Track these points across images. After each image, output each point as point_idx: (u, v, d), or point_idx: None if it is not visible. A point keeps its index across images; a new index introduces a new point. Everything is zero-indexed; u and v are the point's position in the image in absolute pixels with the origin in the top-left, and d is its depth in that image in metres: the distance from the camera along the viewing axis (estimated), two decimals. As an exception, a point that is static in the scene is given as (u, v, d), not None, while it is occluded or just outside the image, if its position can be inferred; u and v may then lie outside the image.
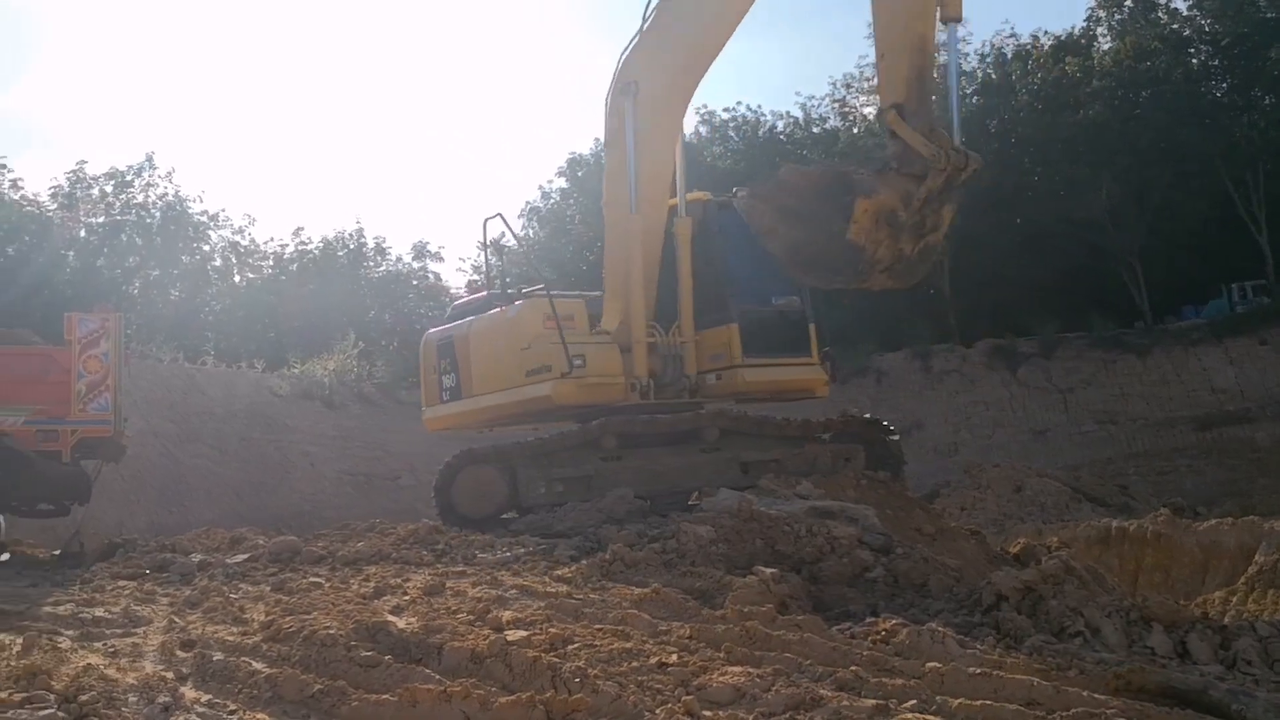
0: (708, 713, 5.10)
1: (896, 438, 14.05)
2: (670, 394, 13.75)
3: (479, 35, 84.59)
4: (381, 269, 38.91)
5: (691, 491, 12.87)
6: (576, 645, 6.24)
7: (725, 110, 37.17)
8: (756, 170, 29.90)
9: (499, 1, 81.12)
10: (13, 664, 5.80)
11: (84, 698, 5.17)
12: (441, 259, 41.82)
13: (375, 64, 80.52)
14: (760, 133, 36.55)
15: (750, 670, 5.72)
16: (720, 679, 5.60)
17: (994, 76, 35.83)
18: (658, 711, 5.05)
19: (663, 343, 13.84)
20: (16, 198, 30.40)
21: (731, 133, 36.66)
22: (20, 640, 6.39)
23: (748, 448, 13.08)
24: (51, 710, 5.03)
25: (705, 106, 42.35)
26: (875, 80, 37.23)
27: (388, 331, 36.00)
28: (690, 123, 62.98)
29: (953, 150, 10.90)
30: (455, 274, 65.90)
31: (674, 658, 6.03)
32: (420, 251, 39.83)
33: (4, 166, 30.37)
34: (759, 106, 37.86)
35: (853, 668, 5.81)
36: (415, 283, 39.46)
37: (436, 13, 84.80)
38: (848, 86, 37.71)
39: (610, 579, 8.47)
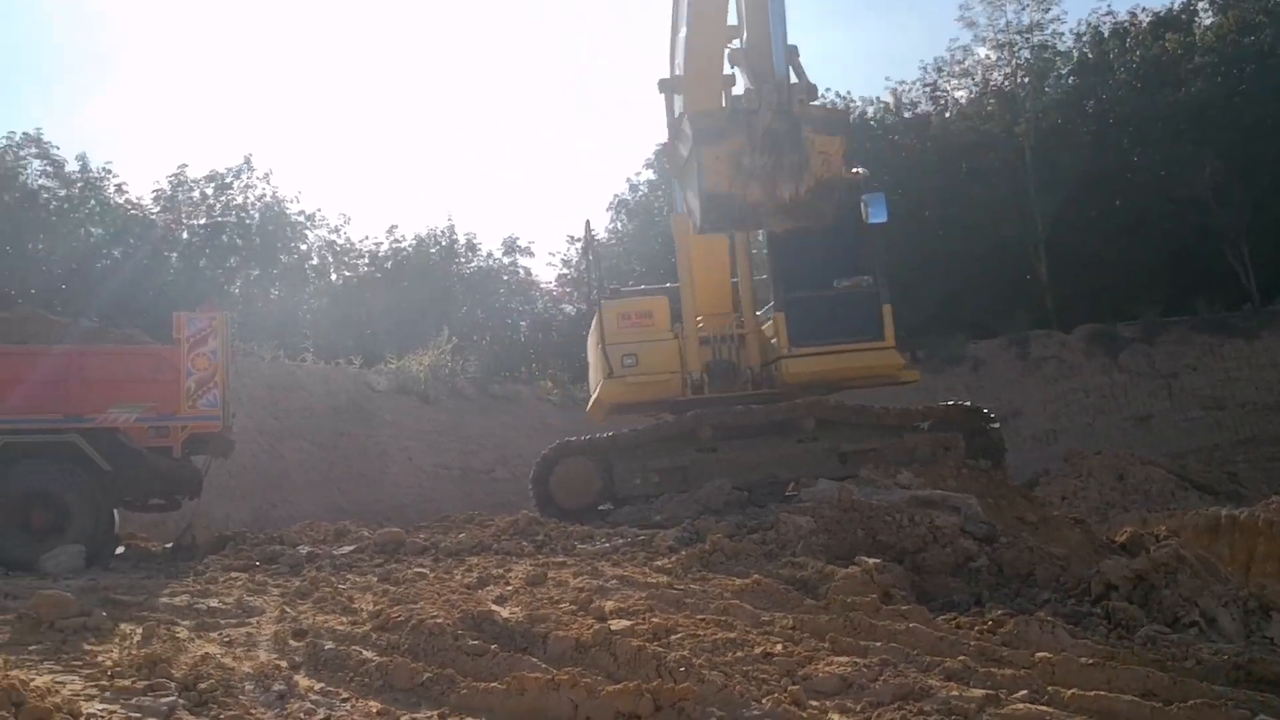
0: (814, 702, 5.08)
1: (997, 426, 13.78)
2: (733, 387, 13.78)
3: (566, 29, 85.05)
4: (473, 265, 39.21)
5: (788, 482, 12.82)
6: (680, 635, 6.26)
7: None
8: (847, 158, 29.46)
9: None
10: (134, 653, 5.98)
11: (203, 685, 5.31)
12: (531, 254, 41.90)
13: (464, 62, 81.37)
14: (851, 119, 36.10)
15: (856, 660, 5.69)
16: (826, 669, 5.58)
17: (1090, 56, 34.90)
18: (764, 701, 5.04)
19: (723, 335, 13.88)
20: (121, 202, 31.29)
21: (821, 120, 36.33)
22: (140, 630, 6.59)
23: (845, 438, 12.97)
24: (173, 698, 5.18)
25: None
26: (967, 64, 36.77)
27: (479, 326, 36.28)
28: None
29: (772, 82, 10.86)
30: (545, 268, 66.34)
31: (778, 647, 6.02)
32: (510, 247, 40.07)
33: (109, 171, 31.31)
34: (848, 93, 37.31)
35: (960, 658, 5.75)
36: (506, 278, 39.67)
37: (523, 11, 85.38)
38: (939, 70, 37.07)
39: (710, 569, 8.49)
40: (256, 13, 77.70)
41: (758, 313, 14.33)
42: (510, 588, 8.00)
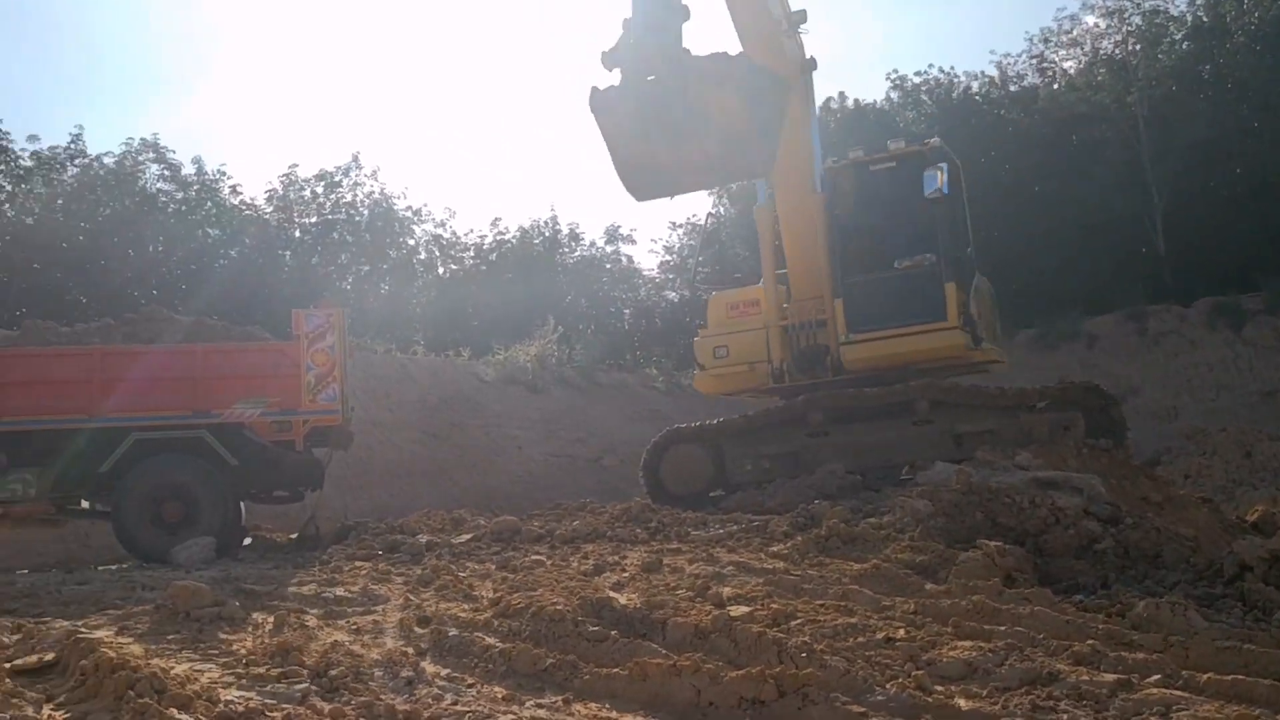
0: (939, 688, 5.01)
1: (1118, 404, 13.41)
2: (814, 375, 13.67)
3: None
4: (576, 255, 39.51)
5: (902, 465, 12.68)
6: (799, 620, 6.24)
7: (916, 74, 36.17)
8: (951, 134, 29.07)
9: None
10: (266, 641, 6.16)
11: (334, 672, 5.44)
12: (634, 241, 42.22)
13: (565, 52, 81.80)
14: (954, 95, 35.39)
15: (981, 645, 5.61)
16: (950, 654, 5.51)
17: (1206, 20, 33.64)
18: (888, 686, 4.99)
19: (803, 322, 13.74)
20: (236, 203, 32.19)
21: (924, 96, 35.56)
22: (271, 619, 6.77)
23: (960, 419, 12.72)
24: (306, 684, 5.32)
25: (896, 71, 41.44)
26: (1075, 33, 35.75)
27: (584, 315, 36.57)
28: (881, 88, 61.81)
29: (654, 40, 10.90)
30: (647, 255, 66.44)
31: (900, 632, 5.96)
32: (612, 235, 40.28)
33: (224, 173, 32.25)
34: (951, 68, 36.57)
35: (1089, 641, 5.62)
36: (609, 266, 39.90)
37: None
38: (1045, 41, 36.14)
39: (827, 554, 8.43)
40: (359, 13, 79.13)
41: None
42: (626, 574, 8.06)
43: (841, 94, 37.67)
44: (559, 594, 7.09)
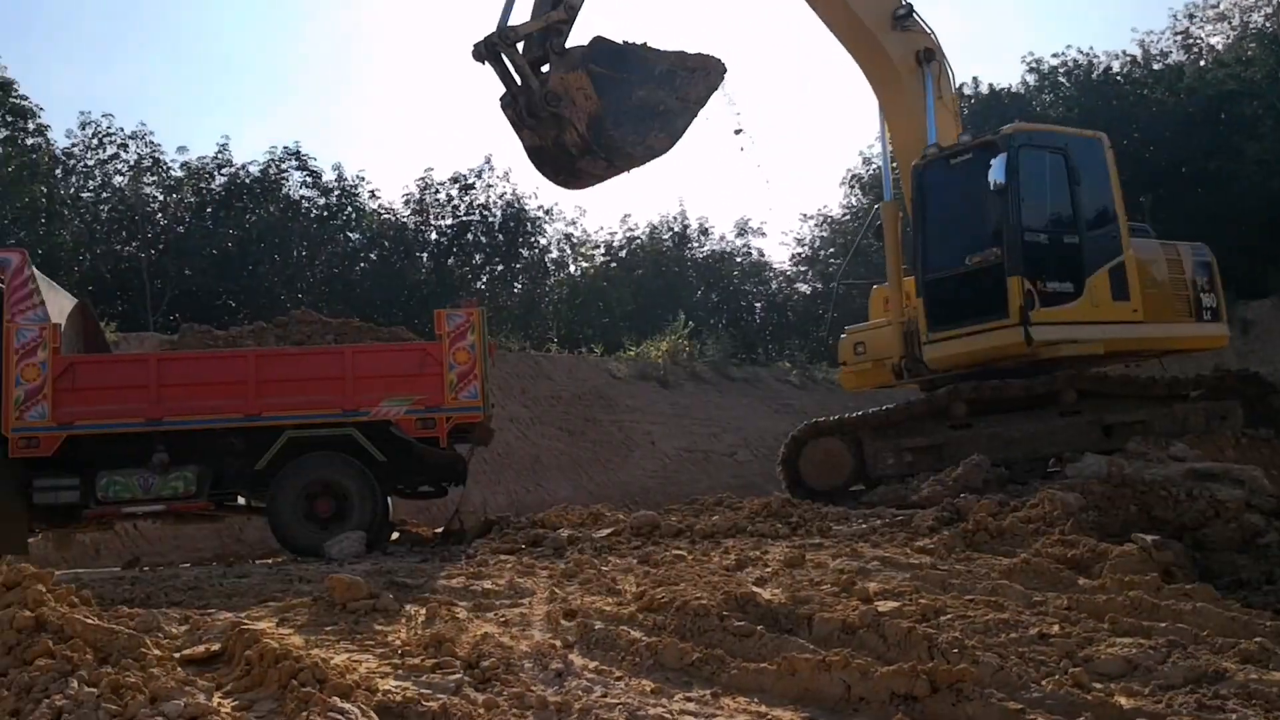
0: (1098, 685, 4.88)
1: (1278, 392, 12.82)
2: (924, 373, 13.63)
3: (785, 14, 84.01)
4: (705, 249, 39.52)
5: (1049, 458, 12.36)
6: (949, 616, 6.14)
7: (1054, 55, 35.23)
8: (1091, 117, 28.12)
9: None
10: (420, 632, 6.30)
11: (485, 663, 5.53)
12: (764, 234, 41.91)
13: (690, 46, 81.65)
14: (1094, 75, 34.27)
15: (1141, 642, 5.45)
16: (1109, 650, 5.36)
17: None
18: (1044, 683, 4.87)
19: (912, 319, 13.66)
20: (375, 207, 33.09)
21: (1062, 78, 34.55)
22: (423, 611, 6.93)
23: (1110, 409, 12.34)
24: (459, 675, 5.43)
25: (1032, 54, 40.30)
26: (1223, 6, 34.29)
27: (715, 310, 36.58)
28: (1016, 71, 60.29)
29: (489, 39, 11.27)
30: (778, 248, 66.02)
31: (1055, 628, 5.82)
32: (743, 228, 40.17)
33: (362, 179, 33.23)
34: (1090, 48, 35.47)
35: (1256, 639, 5.40)
36: (739, 260, 39.79)
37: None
38: (1190, 16, 34.81)
39: (974, 549, 8.28)
40: (491, 17, 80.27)
41: None
42: (769, 569, 8.02)
43: (975, 79, 36.92)
44: (702, 589, 7.10)
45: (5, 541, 10.95)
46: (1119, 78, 34.24)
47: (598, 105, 11.12)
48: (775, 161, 77.38)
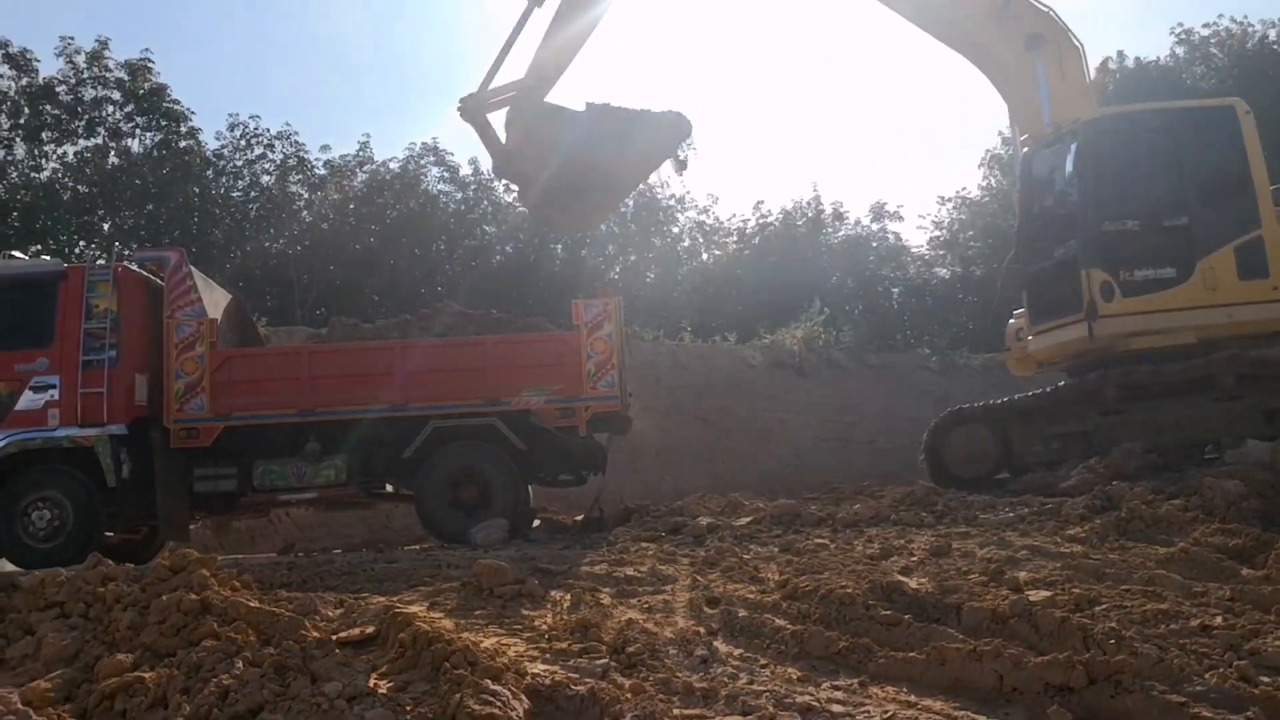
0: (1265, 679, 4.69)
1: None
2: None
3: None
4: (840, 234, 38.87)
5: (1206, 444, 11.88)
6: (1104, 606, 5.97)
7: (1205, 26, 33.75)
8: (1246, 90, 26.84)
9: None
10: (565, 618, 6.39)
11: (630, 649, 5.58)
12: (901, 218, 41.08)
13: (818, 28, 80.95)
14: (1249, 46, 32.70)
15: (1311, 635, 5.21)
16: (1276, 644, 5.16)
17: None
18: (1207, 676, 4.71)
19: None
20: (510, 200, 33.53)
21: (1214, 49, 33.11)
22: (568, 597, 7.03)
23: (1272, 394, 11.79)
24: (605, 660, 5.49)
25: (1181, 25, 38.69)
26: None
27: (851, 296, 36.03)
28: (1165, 43, 57.87)
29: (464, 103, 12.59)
30: (916, 231, 64.79)
31: (1217, 620, 5.62)
32: (879, 212, 39.41)
33: (496, 174, 33.68)
34: (1245, 17, 33.85)
35: None
36: (875, 245, 39.06)
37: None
38: (1355, -21, 33.01)
39: (1128, 538, 8.03)
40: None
41: None
42: (914, 558, 7.91)
43: (1120, 53, 35.55)
44: (846, 577, 7.04)
45: (168, 528, 11.47)
46: (1276, 46, 32.60)
47: (546, 172, 12.17)
48: (911, 143, 75.90)
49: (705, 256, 37.61)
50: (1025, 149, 13.43)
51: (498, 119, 13.01)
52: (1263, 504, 8.44)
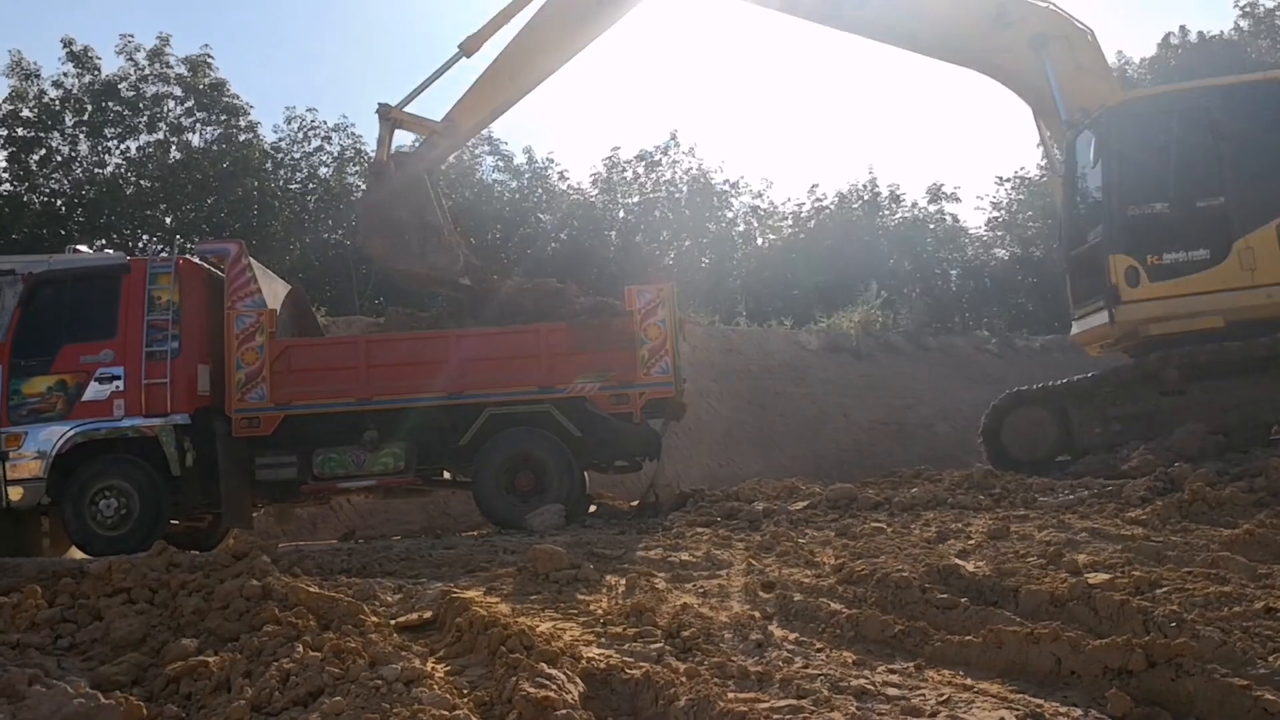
0: (1334, 664, 4.58)
1: None
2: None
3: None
4: (897, 217, 38.57)
5: (1272, 424, 11.63)
6: (1165, 589, 5.87)
7: (1272, -1, 33.05)
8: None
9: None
10: (620, 602, 6.42)
11: (685, 633, 5.59)
12: (958, 200, 40.58)
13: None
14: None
15: (1380, 618, 5.08)
16: (1343, 626, 5.02)
17: None
18: (1271, 659, 4.62)
19: None
20: (564, 188, 33.67)
21: (1279, 22, 32.40)
22: (623, 581, 7.06)
23: (1341, 373, 11.53)
24: (660, 644, 5.50)
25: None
26: None
27: (908, 278, 35.77)
28: (1229, 17, 56.54)
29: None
30: (974, 213, 64.04)
31: (1283, 603, 5.48)
32: (935, 194, 39.03)
33: (552, 161, 33.88)
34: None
35: None
36: (932, 227, 38.68)
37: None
38: None
39: (1191, 520, 7.90)
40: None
41: None
42: (972, 542, 7.84)
43: (1183, 28, 34.90)
44: (903, 561, 7.00)
45: (231, 516, 11.67)
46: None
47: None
48: (969, 124, 75.06)
49: (760, 241, 37.52)
50: (1068, 132, 13.24)
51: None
52: (1331, 485, 8.27)
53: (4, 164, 26.95)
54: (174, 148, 28.37)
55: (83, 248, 13.60)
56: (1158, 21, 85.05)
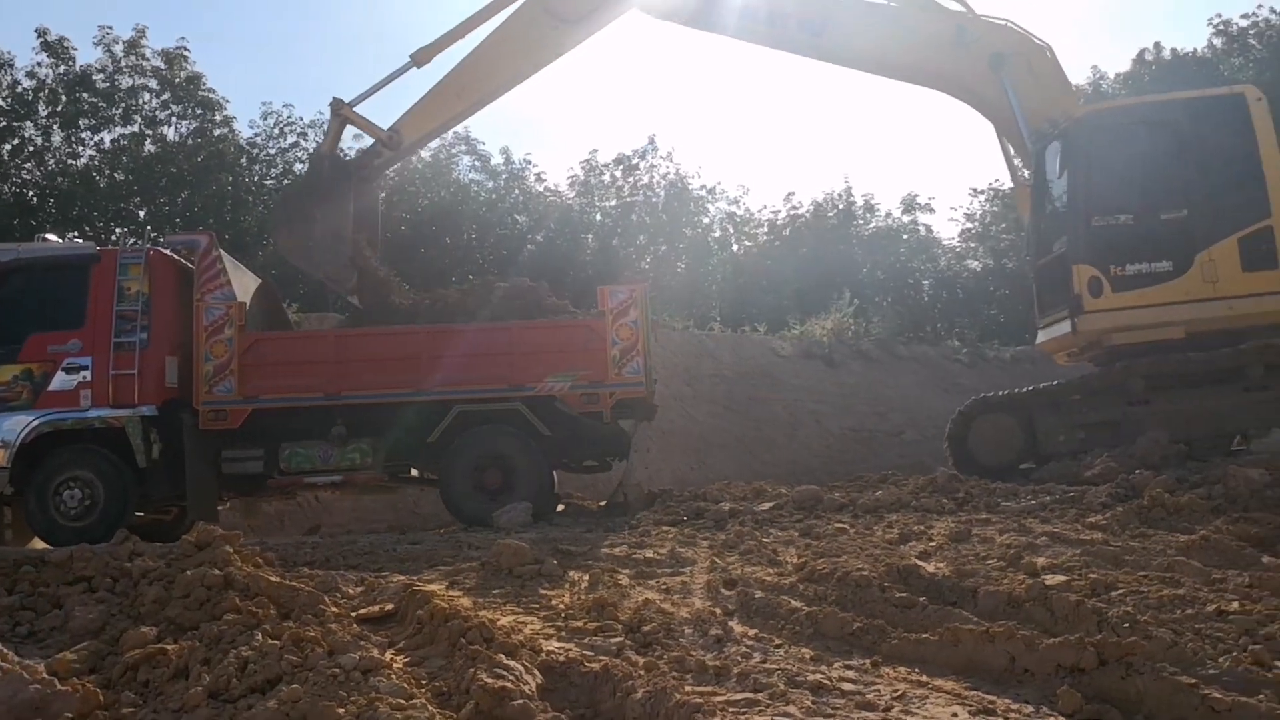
0: (1280, 664, 4.67)
1: None
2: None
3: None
4: (871, 226, 38.71)
5: (1233, 435, 11.78)
6: (1121, 591, 5.96)
7: (1243, 17, 33.33)
8: (1286, 79, 26.49)
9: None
10: (583, 598, 6.45)
11: (646, 628, 5.63)
12: (932, 210, 40.88)
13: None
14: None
15: (1330, 622, 5.17)
16: (1292, 629, 5.11)
17: None
18: (1221, 660, 4.70)
19: None
20: (541, 190, 33.63)
21: (1253, 40, 32.69)
22: (586, 577, 7.09)
23: (1304, 385, 11.68)
24: (620, 638, 5.54)
25: (1219, 16, 38.21)
26: None
27: (881, 287, 35.86)
28: (1203, 35, 57.04)
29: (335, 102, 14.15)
30: (947, 224, 64.41)
31: (1234, 606, 5.60)
32: (909, 204, 39.20)
33: (529, 162, 33.80)
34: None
35: None
36: (906, 237, 38.85)
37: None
38: (1398, -32, 32.45)
39: (1149, 526, 8.01)
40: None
41: None
42: (933, 543, 7.91)
43: (1157, 44, 35.26)
44: (864, 561, 7.06)
45: (197, 509, 11.61)
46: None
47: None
48: (944, 135, 75.44)
49: (736, 247, 37.56)
50: (1033, 145, 13.38)
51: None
52: (1287, 493, 8.38)
53: (-24, 153, 26.71)
54: (149, 141, 28.14)
55: (52, 237, 13.52)
56: (1133, 38, 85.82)
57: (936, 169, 74.83)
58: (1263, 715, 4.05)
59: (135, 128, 28.00)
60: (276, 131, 30.26)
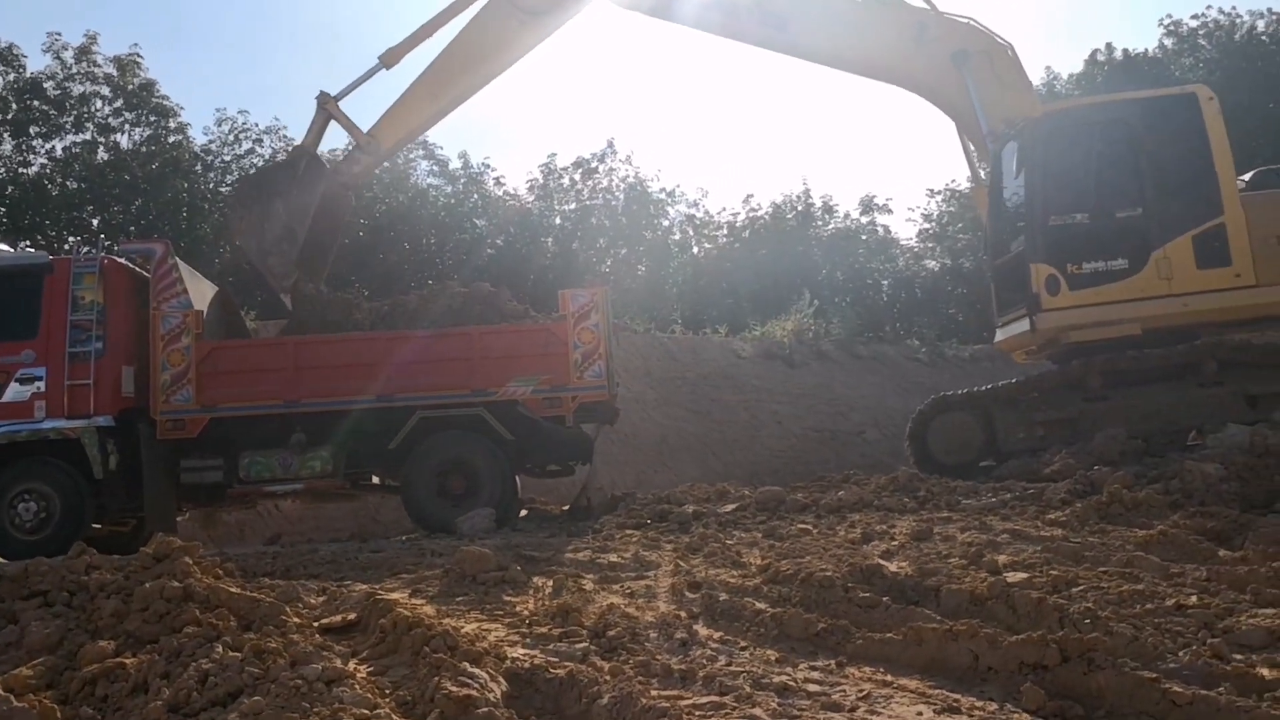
0: (1239, 656, 4.73)
1: None
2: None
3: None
4: (830, 227, 38.94)
5: (1189, 430, 11.94)
6: (1081, 587, 6.01)
7: (1193, 18, 33.88)
8: (1235, 81, 26.88)
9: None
10: (547, 603, 6.42)
11: (611, 633, 5.61)
12: (890, 211, 41.08)
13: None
14: (1237, 37, 32.78)
15: (1285, 613, 5.24)
16: (1250, 621, 5.19)
17: None
18: (1181, 654, 4.75)
19: None
20: (500, 194, 33.55)
21: (1202, 40, 33.23)
22: (551, 583, 7.06)
23: (1253, 379, 11.89)
24: (585, 644, 5.52)
25: (1170, 17, 38.80)
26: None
27: (840, 288, 36.07)
28: (1154, 35, 57.97)
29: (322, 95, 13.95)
30: (905, 224, 64.86)
31: (1192, 600, 5.66)
32: (868, 206, 39.50)
33: (488, 166, 33.70)
34: (1233, 8, 34.00)
35: (1407, 612, 5.16)
36: (864, 238, 39.13)
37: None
38: (1343, -32, 33.09)
39: (1109, 521, 8.09)
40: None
41: None
42: (895, 543, 7.96)
43: (1109, 45, 35.70)
44: (828, 561, 7.08)
45: (155, 520, 11.46)
46: (1264, 38, 32.70)
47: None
48: (901, 137, 76.03)
49: (696, 250, 37.66)
50: (991, 144, 13.50)
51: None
52: (1241, 486, 8.49)
53: (-75, 161, 26.31)
54: (101, 148, 27.82)
55: (3, 246, 13.32)
56: (1085, 39, 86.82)
57: (894, 170, 75.42)
58: (1222, 708, 4.09)
59: (88, 135, 27.66)
60: (232, 138, 30.00)
